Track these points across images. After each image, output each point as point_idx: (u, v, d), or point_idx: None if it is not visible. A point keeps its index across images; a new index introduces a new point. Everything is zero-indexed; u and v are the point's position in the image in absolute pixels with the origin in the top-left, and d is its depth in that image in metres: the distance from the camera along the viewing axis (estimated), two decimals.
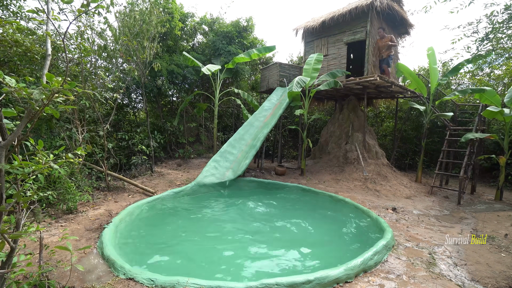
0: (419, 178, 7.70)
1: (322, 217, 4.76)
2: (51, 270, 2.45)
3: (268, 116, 7.81)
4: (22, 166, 1.68)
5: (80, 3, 1.71)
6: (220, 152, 6.90)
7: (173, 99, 10.49)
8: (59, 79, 1.64)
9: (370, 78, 6.78)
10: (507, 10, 4.32)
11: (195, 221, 4.38)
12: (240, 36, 9.92)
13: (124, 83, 6.44)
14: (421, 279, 2.70)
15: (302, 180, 7.05)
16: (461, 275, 2.87)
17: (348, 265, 2.66)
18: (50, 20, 2.21)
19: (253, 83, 12.89)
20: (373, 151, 8.02)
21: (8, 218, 2.21)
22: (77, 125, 4.95)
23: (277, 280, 2.36)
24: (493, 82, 9.82)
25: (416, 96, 8.48)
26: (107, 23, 5.77)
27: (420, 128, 9.92)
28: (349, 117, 8.79)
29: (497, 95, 6.06)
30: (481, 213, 5.21)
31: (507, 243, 3.67)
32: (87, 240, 3.31)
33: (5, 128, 1.64)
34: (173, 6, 8.10)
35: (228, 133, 11.49)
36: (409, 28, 8.70)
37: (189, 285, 2.32)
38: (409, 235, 3.88)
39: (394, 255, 3.20)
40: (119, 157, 7.13)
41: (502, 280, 2.77)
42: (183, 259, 3.17)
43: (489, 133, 6.42)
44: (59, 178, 4.14)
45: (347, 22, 7.76)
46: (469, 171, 6.39)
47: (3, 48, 4.10)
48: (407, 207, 5.38)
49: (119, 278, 2.52)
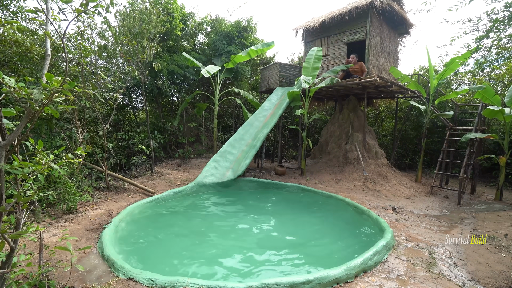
0: (419, 178, 7.69)
1: (322, 217, 4.76)
2: (51, 270, 2.45)
3: (268, 116, 7.81)
4: (22, 166, 1.68)
5: (80, 3, 1.71)
6: (220, 152, 6.90)
7: (173, 99, 10.48)
8: (59, 79, 1.64)
9: (370, 78, 6.78)
10: (507, 8, 4.32)
11: (195, 221, 4.38)
12: (241, 36, 9.91)
13: (124, 83, 6.45)
14: (421, 279, 2.70)
15: (302, 180, 7.04)
16: (461, 275, 2.87)
17: (348, 265, 2.66)
18: (49, 20, 2.21)
19: (253, 83, 12.89)
20: (373, 151, 8.01)
21: (8, 218, 2.21)
22: (77, 125, 4.95)
23: (277, 280, 2.36)
24: (494, 82, 9.82)
25: (416, 96, 8.48)
26: (107, 23, 5.77)
27: (420, 128, 9.92)
28: (349, 117, 8.78)
29: (497, 95, 6.05)
30: (481, 213, 5.21)
31: (507, 243, 3.67)
32: (87, 240, 3.31)
33: (5, 128, 1.64)
34: (174, 6, 8.09)
35: (228, 133, 11.49)
36: (409, 28, 8.69)
37: (189, 285, 2.32)
38: (409, 235, 3.88)
39: (394, 255, 3.20)
40: (119, 157, 7.14)
41: (502, 280, 2.77)
42: (183, 259, 3.17)
43: (489, 133, 6.42)
44: (59, 178, 4.14)
45: (347, 22, 7.76)
46: (469, 171, 6.39)
47: (3, 48, 4.11)
48: (407, 207, 5.37)
49: (119, 278, 2.52)
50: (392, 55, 8.64)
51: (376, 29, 7.58)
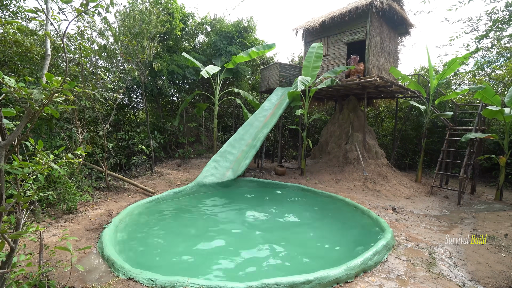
0: (419, 178, 7.70)
1: (322, 217, 4.76)
2: (51, 270, 2.45)
3: (268, 116, 7.81)
4: (22, 166, 1.68)
5: (80, 3, 1.71)
6: (220, 152, 6.90)
7: (173, 99, 10.49)
8: (59, 79, 1.64)
9: (370, 78, 6.78)
10: (508, 7, 4.32)
11: (194, 220, 4.38)
12: (241, 36, 9.91)
13: (124, 83, 6.45)
14: (421, 279, 2.70)
15: (302, 180, 7.04)
16: (461, 275, 2.87)
17: (348, 265, 2.66)
18: (49, 20, 2.21)
19: (254, 83, 12.90)
20: (373, 151, 8.01)
21: (8, 218, 2.21)
22: (77, 125, 4.95)
23: (277, 280, 2.36)
24: (494, 82, 9.82)
25: (416, 96, 8.48)
26: (107, 23, 5.77)
27: (420, 128, 9.92)
28: (349, 117, 8.78)
29: (497, 95, 6.06)
30: (481, 213, 5.21)
31: (507, 243, 3.67)
32: (87, 240, 3.31)
33: (5, 128, 1.64)
34: (174, 6, 8.09)
35: (228, 133, 11.49)
36: (409, 28, 8.69)
37: (189, 285, 2.32)
38: (409, 235, 3.88)
39: (394, 255, 3.20)
40: (119, 157, 7.14)
41: (502, 280, 2.77)
42: (183, 258, 3.17)
43: (489, 133, 6.42)
44: (59, 178, 4.14)
45: (347, 22, 7.76)
46: (469, 171, 6.39)
47: (3, 48, 4.11)
48: (407, 207, 5.37)
49: (119, 278, 2.52)
50: (392, 55, 8.64)
51: (376, 29, 7.58)
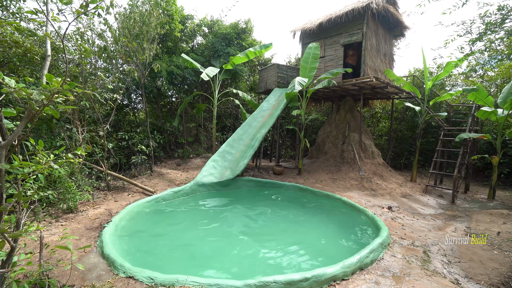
0: (414, 178, 7.80)
1: (319, 215, 4.81)
2: (51, 269, 2.47)
3: (266, 116, 7.86)
4: (22, 166, 1.71)
5: (80, 4, 1.75)
6: (219, 152, 6.94)
7: (172, 99, 10.51)
8: (59, 80, 1.67)
9: (366, 79, 6.87)
10: (500, 11, 4.42)
11: (194, 219, 4.41)
12: (239, 37, 9.97)
13: (124, 84, 6.46)
14: (416, 276, 2.76)
15: (300, 179, 7.11)
16: (455, 272, 2.93)
17: (345, 263, 2.71)
18: (49, 21, 2.24)
19: (252, 84, 12.95)
20: (369, 151, 8.10)
21: (9, 217, 2.23)
22: (77, 125, 4.97)
23: (275, 278, 2.40)
24: (486, 83, 9.98)
25: (411, 97, 8.59)
26: (107, 24, 5.79)
27: (415, 128, 10.05)
28: (345, 118, 8.87)
29: (490, 96, 6.17)
30: (474, 211, 5.31)
31: (500, 241, 3.75)
32: (87, 239, 3.33)
33: (5, 128, 1.67)
34: (173, 8, 8.13)
35: (227, 133, 11.52)
36: (404, 30, 8.81)
37: (188, 283, 2.36)
38: (404, 233, 3.95)
39: (389, 253, 3.26)
40: (119, 157, 7.14)
41: (495, 276, 2.84)
42: (182, 257, 3.20)
43: (482, 133, 6.54)
44: (60, 178, 4.15)
45: (343, 24, 7.85)
46: (462, 171, 6.50)
47: (2, 49, 4.11)
48: (403, 206, 5.45)
49: (119, 276, 2.55)
50: (388, 56, 8.75)
51: (372, 31, 7.67)
